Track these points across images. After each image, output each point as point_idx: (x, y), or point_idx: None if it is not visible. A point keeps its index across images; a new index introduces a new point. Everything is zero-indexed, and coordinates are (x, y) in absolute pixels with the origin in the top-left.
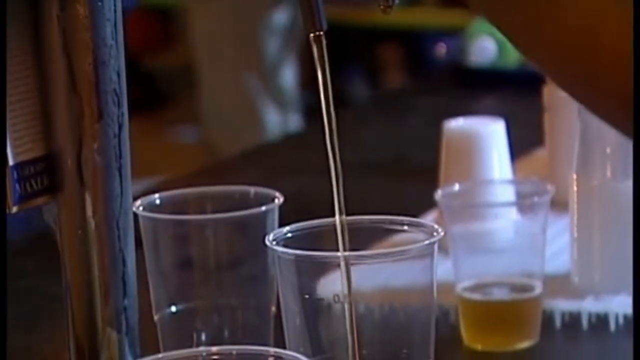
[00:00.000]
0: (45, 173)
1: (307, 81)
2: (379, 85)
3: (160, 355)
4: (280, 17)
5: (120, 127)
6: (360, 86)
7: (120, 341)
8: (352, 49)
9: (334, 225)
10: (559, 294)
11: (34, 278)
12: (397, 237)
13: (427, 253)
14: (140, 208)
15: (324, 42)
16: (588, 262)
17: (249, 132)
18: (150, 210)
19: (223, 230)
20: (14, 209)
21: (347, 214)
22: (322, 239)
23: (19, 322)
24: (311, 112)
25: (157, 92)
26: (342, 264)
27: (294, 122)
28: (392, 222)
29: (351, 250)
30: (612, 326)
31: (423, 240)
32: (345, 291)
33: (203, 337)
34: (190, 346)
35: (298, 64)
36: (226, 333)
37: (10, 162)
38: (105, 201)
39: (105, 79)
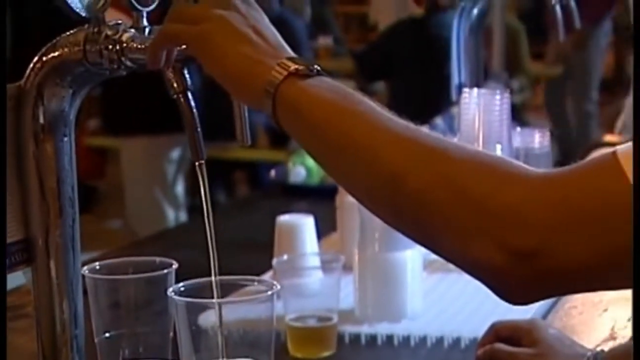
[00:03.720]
0: (24, 250)
1: (191, 191)
2: (234, 196)
3: None
4: (175, 153)
5: (73, 221)
6: (222, 196)
7: (73, 358)
8: (215, 174)
9: (210, 282)
10: (347, 322)
11: None
12: (250, 288)
13: (269, 299)
14: (86, 271)
15: (204, 168)
16: (364, 303)
17: (155, 223)
18: (93, 273)
19: (140, 285)
20: None
21: (219, 274)
22: (203, 290)
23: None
24: (193, 210)
25: (99, 199)
26: (216, 306)
27: (182, 216)
28: (246, 280)
29: (222, 297)
30: (380, 342)
31: (266, 291)
32: (218, 323)
33: (127, 352)
34: None
35: (185, 181)
36: (141, 349)
37: None
38: (63, 268)
39: (64, 192)
